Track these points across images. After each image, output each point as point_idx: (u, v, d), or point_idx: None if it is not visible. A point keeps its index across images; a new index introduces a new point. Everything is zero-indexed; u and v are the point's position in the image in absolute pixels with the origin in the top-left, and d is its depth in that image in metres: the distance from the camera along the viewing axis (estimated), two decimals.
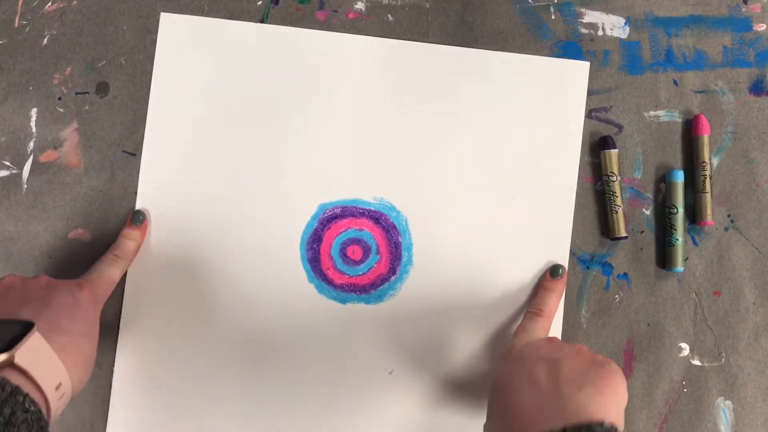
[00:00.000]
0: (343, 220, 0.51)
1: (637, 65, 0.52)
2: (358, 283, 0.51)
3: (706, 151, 0.51)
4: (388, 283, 0.51)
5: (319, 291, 0.50)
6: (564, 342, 0.44)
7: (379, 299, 0.50)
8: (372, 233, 0.51)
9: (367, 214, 0.51)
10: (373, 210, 0.51)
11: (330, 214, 0.51)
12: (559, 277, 0.50)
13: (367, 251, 0.51)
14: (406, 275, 0.51)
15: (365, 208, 0.51)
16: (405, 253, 0.51)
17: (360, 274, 0.51)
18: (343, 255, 0.51)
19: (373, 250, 0.51)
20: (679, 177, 0.51)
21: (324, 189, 0.51)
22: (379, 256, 0.51)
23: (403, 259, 0.51)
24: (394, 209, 0.51)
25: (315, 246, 0.50)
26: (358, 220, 0.51)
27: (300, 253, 0.50)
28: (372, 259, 0.51)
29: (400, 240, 0.51)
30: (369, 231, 0.51)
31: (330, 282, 0.50)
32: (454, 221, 0.51)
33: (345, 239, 0.51)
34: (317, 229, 0.51)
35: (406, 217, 0.51)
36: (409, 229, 0.51)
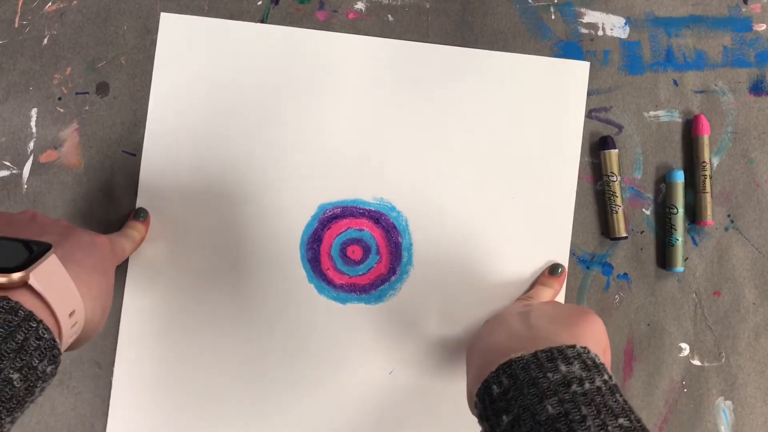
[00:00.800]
0: (343, 220, 0.51)
1: (637, 65, 0.52)
2: (358, 283, 0.51)
3: (706, 151, 0.51)
4: (388, 283, 0.51)
5: (320, 291, 0.50)
6: None
7: (380, 299, 0.50)
8: (372, 233, 0.51)
9: (367, 214, 0.51)
10: (373, 210, 0.51)
11: (330, 214, 0.51)
12: (558, 275, 0.50)
13: (367, 251, 0.51)
14: (406, 275, 0.51)
15: (365, 208, 0.51)
16: (405, 253, 0.51)
17: (360, 274, 0.51)
18: (343, 255, 0.51)
19: (373, 250, 0.51)
20: (679, 177, 0.51)
21: (324, 189, 0.51)
22: (379, 256, 0.51)
23: (403, 259, 0.51)
24: (394, 209, 0.51)
25: (315, 246, 0.50)
26: (358, 221, 0.51)
27: (300, 253, 0.50)
28: (372, 259, 0.51)
29: (400, 240, 0.51)
30: (369, 231, 0.51)
31: (330, 282, 0.50)
32: (454, 221, 0.51)
33: (345, 239, 0.51)
34: (317, 229, 0.51)
35: (406, 217, 0.51)
36: (409, 229, 0.51)
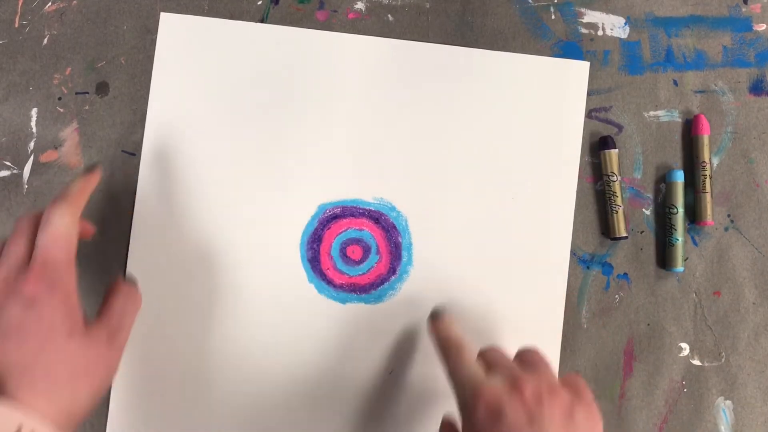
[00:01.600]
0: (343, 220, 0.51)
1: (637, 65, 0.52)
2: (358, 283, 0.51)
3: (706, 151, 0.51)
4: (388, 282, 0.51)
5: (319, 291, 0.50)
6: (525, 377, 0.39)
7: (379, 299, 0.50)
8: (372, 233, 0.51)
9: (367, 214, 0.51)
10: (373, 210, 0.51)
11: (330, 214, 0.51)
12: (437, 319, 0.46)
13: (367, 251, 0.51)
14: (406, 275, 0.51)
15: (365, 208, 0.51)
16: (405, 253, 0.51)
17: (360, 274, 0.51)
18: (343, 255, 0.51)
19: (373, 249, 0.51)
20: (679, 177, 0.51)
21: (324, 189, 0.51)
22: (379, 255, 0.51)
23: (403, 259, 0.51)
24: (394, 209, 0.51)
25: (315, 246, 0.50)
26: (358, 220, 0.51)
27: (300, 253, 0.50)
28: (372, 259, 0.51)
29: (400, 240, 0.51)
30: (369, 231, 0.51)
31: (330, 282, 0.50)
32: (454, 221, 0.51)
33: (345, 239, 0.51)
34: (317, 229, 0.51)
35: (406, 217, 0.51)
36: (409, 228, 0.51)
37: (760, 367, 0.51)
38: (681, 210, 0.51)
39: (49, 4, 0.51)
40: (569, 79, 0.52)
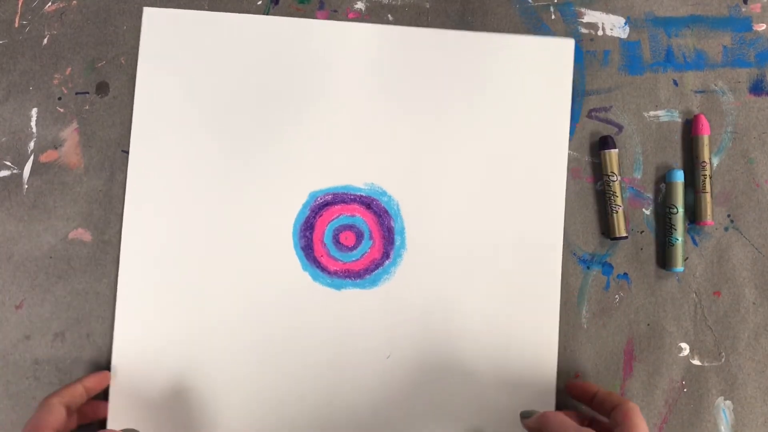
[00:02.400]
0: (335, 207, 0.51)
1: (637, 65, 0.52)
2: (352, 269, 0.51)
3: (706, 151, 0.51)
4: (382, 267, 0.51)
5: (314, 278, 0.50)
6: None
7: (374, 284, 0.50)
8: (364, 218, 0.51)
9: (359, 199, 0.51)
10: (364, 195, 0.51)
11: (321, 201, 0.51)
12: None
13: (359, 237, 0.51)
14: (399, 259, 0.51)
15: (356, 194, 0.51)
16: (398, 237, 0.51)
17: (354, 260, 0.51)
18: (336, 242, 0.51)
19: (366, 235, 0.51)
20: (679, 177, 0.51)
21: (315, 176, 0.51)
22: (372, 241, 0.51)
23: (396, 243, 0.51)
24: (385, 194, 0.51)
25: (308, 234, 0.51)
26: (350, 206, 0.51)
27: (293, 241, 0.50)
28: (365, 244, 0.51)
29: (393, 224, 0.51)
30: (361, 216, 0.51)
31: (324, 269, 0.50)
32: (447, 203, 0.51)
33: (337, 226, 0.51)
34: (309, 216, 0.51)
35: (398, 201, 0.51)
36: (401, 213, 0.51)
37: (760, 367, 0.51)
38: (681, 210, 0.51)
39: (49, 4, 0.51)
40: (555, 57, 0.51)
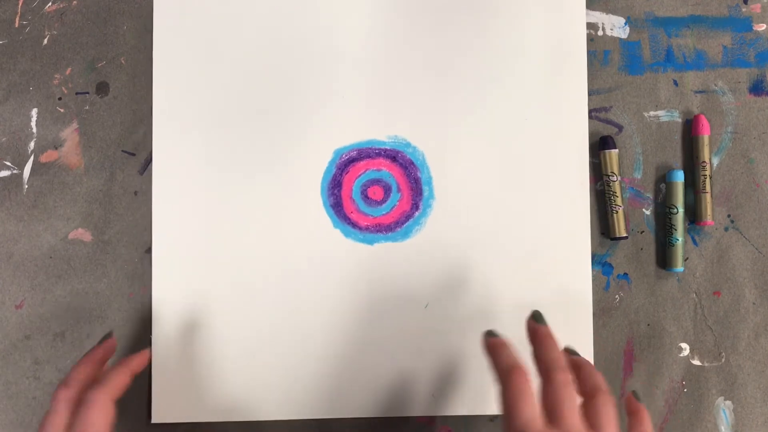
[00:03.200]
0: (361, 162, 0.51)
1: (637, 65, 0.52)
2: (383, 222, 0.51)
3: (706, 151, 0.51)
4: (412, 219, 0.51)
5: (346, 235, 0.51)
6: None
7: (406, 236, 0.51)
8: (391, 172, 0.51)
9: (384, 153, 0.51)
10: (388, 149, 0.51)
11: (346, 158, 0.51)
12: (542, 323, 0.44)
13: (387, 190, 0.51)
14: (429, 209, 0.51)
15: (381, 147, 0.51)
16: (426, 188, 0.51)
17: (384, 213, 0.51)
18: (365, 197, 0.51)
19: (394, 188, 0.51)
20: (679, 177, 0.51)
21: (338, 133, 0.51)
22: (400, 193, 0.51)
23: (425, 194, 0.51)
24: (409, 145, 0.51)
25: (336, 191, 0.51)
26: (375, 161, 0.51)
27: (322, 200, 0.51)
28: (394, 197, 0.51)
29: (419, 175, 0.51)
30: (387, 170, 0.51)
31: (355, 225, 0.51)
32: (471, 150, 0.51)
33: (365, 181, 0.51)
34: (336, 174, 0.51)
35: (423, 152, 0.51)
36: (426, 163, 0.51)
37: (760, 367, 0.51)
38: (681, 210, 0.51)
39: (49, 4, 0.51)
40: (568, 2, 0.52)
